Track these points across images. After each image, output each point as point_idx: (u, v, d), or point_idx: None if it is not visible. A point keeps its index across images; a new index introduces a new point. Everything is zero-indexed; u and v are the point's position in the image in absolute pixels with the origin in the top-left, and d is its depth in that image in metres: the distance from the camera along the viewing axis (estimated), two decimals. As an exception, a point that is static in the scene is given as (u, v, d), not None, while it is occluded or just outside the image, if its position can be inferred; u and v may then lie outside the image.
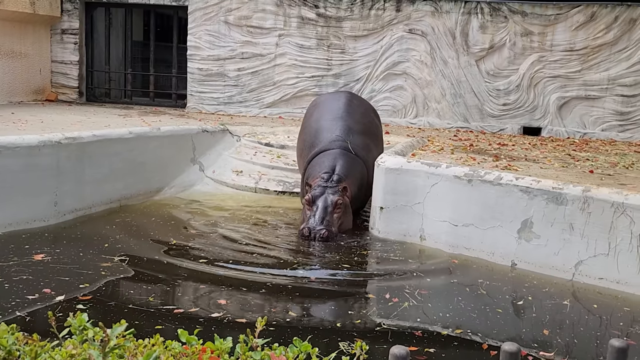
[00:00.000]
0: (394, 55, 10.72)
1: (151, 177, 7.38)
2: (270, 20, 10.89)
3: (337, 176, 6.22)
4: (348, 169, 6.35)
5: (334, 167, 6.30)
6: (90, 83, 11.84)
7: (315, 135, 6.79)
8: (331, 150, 6.48)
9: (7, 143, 5.80)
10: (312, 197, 6.08)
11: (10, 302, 4.15)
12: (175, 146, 7.80)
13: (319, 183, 6.17)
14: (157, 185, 7.48)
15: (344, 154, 6.45)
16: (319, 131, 6.79)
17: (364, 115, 7.09)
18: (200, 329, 2.28)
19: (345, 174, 6.29)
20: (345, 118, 6.81)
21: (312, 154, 6.60)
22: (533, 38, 10.32)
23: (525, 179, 5.48)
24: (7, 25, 10.18)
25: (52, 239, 5.60)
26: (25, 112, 9.00)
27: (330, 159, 6.39)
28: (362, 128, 6.86)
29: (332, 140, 6.57)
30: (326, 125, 6.79)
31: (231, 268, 5.05)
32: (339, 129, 6.67)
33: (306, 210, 6.12)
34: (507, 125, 10.57)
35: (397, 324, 4.14)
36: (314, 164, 6.50)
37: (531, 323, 4.34)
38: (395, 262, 5.50)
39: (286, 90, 10.99)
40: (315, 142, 6.70)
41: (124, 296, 4.42)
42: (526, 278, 5.17)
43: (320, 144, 6.63)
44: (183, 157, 7.93)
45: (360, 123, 6.90)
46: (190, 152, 8.01)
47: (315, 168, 6.42)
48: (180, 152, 7.88)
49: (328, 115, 6.92)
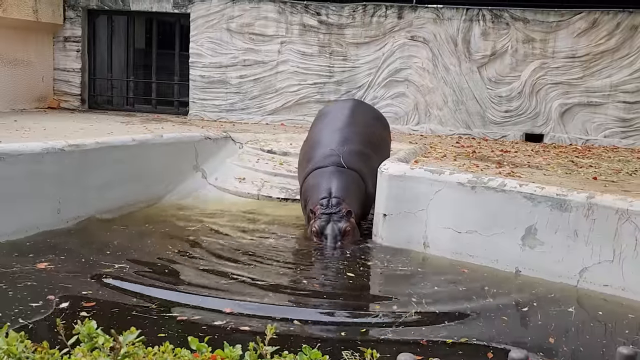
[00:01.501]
0: (395, 62, 10.74)
1: (154, 184, 7.38)
2: (272, 27, 10.91)
3: (336, 199, 6.07)
4: (345, 187, 6.22)
5: (330, 189, 6.15)
6: (93, 90, 11.85)
7: (312, 148, 6.73)
8: (324, 169, 6.36)
9: (11, 150, 5.80)
10: (318, 229, 5.98)
11: (14, 309, 4.14)
12: (177, 153, 7.81)
13: (321, 211, 6.03)
14: (160, 192, 7.48)
15: (337, 170, 6.32)
16: (317, 144, 6.73)
17: (366, 124, 7.01)
18: (203, 336, 2.27)
19: (343, 194, 6.14)
20: (343, 129, 6.72)
21: (307, 170, 6.51)
22: (535, 45, 10.33)
23: (529, 186, 5.47)
24: (10, 32, 10.20)
25: (55, 246, 5.58)
26: (27, 119, 9.01)
27: (325, 180, 6.26)
28: (361, 138, 6.74)
29: (326, 156, 6.45)
30: (324, 138, 6.72)
31: (234, 276, 5.03)
32: (335, 141, 6.57)
33: (313, 238, 6.06)
34: (509, 132, 10.57)
35: (402, 332, 4.13)
36: (310, 183, 6.39)
37: (537, 330, 4.33)
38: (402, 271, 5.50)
39: (288, 97, 11.00)
40: (312, 156, 6.61)
41: (127, 303, 4.40)
42: (531, 285, 5.15)
43: (314, 158, 6.54)
44: (185, 164, 7.93)
45: (360, 133, 6.78)
46: (192, 159, 8.01)
47: (312, 190, 6.30)
48: (182, 159, 7.88)
49: (329, 126, 6.86)
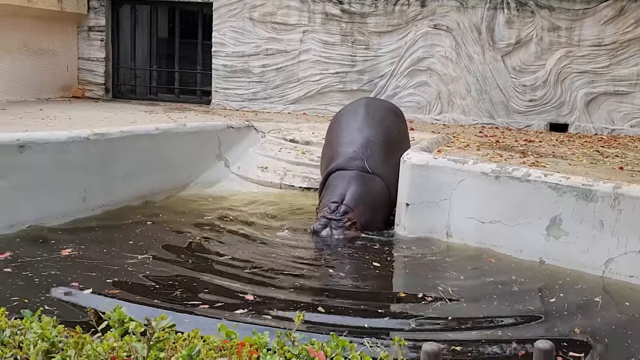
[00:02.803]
0: (418, 51, 10.66)
1: (177, 172, 7.44)
2: (295, 16, 10.89)
3: (345, 207, 5.98)
4: (361, 196, 6.13)
5: (344, 195, 6.07)
6: (116, 80, 11.95)
7: (335, 148, 6.66)
8: (347, 172, 6.27)
9: (37, 139, 5.87)
10: (314, 230, 5.92)
11: (40, 296, 4.20)
12: (200, 142, 7.85)
13: (323, 214, 5.98)
14: (183, 181, 7.53)
15: (360, 176, 6.23)
16: (338, 144, 6.65)
17: (383, 121, 6.89)
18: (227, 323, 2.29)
19: (355, 203, 6.05)
20: (363, 129, 6.62)
21: (329, 170, 6.45)
22: (560, 33, 10.20)
23: (554, 176, 5.42)
24: (36, 22, 10.30)
25: (80, 234, 5.65)
26: (53, 108, 9.11)
27: (343, 183, 6.18)
28: (381, 137, 6.63)
29: (349, 157, 6.36)
30: (345, 138, 6.63)
31: (255, 272, 5.02)
32: (357, 142, 6.48)
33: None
34: (533, 122, 10.46)
35: (427, 322, 4.13)
36: (329, 184, 6.33)
37: (562, 320, 4.30)
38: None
39: (310, 86, 10.98)
40: (334, 156, 6.55)
41: (150, 291, 4.45)
42: (558, 276, 5.11)
43: (338, 158, 6.45)
44: (208, 153, 7.97)
45: (379, 131, 6.68)
46: (215, 148, 8.05)
47: (328, 190, 6.25)
48: (205, 148, 7.92)
49: (348, 127, 6.77)
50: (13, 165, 5.63)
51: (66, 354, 1.60)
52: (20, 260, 4.86)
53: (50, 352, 1.71)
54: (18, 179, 5.65)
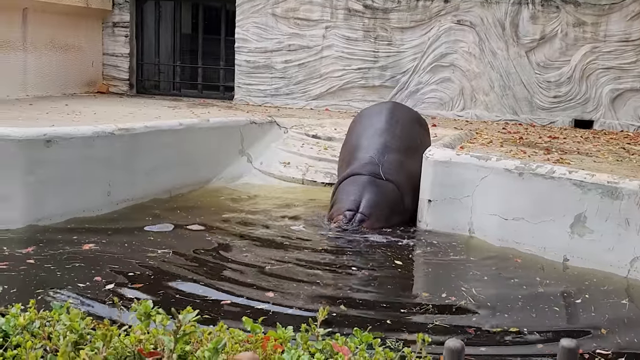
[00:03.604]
0: (441, 46, 10.61)
1: (200, 168, 7.49)
2: (317, 12, 10.89)
3: (360, 215, 5.93)
4: (375, 203, 6.06)
5: (359, 202, 6.01)
6: (140, 75, 12.05)
7: (352, 152, 6.61)
8: (361, 177, 6.20)
9: (63, 134, 5.96)
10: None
11: (63, 289, 4.26)
12: (223, 137, 7.89)
13: (339, 224, 5.92)
14: (206, 176, 7.59)
15: (373, 182, 6.15)
16: (356, 149, 6.59)
17: (405, 129, 6.77)
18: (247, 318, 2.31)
19: (371, 211, 5.99)
20: (383, 134, 6.54)
21: (343, 175, 6.39)
22: (586, 28, 10.07)
23: (579, 173, 5.37)
24: (62, 19, 10.43)
25: (103, 229, 5.72)
26: (78, 103, 9.22)
27: (358, 190, 6.11)
28: (400, 144, 6.54)
29: (364, 163, 6.29)
30: (363, 142, 6.57)
31: (276, 268, 5.02)
32: (374, 147, 6.41)
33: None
34: (557, 118, 10.35)
35: (450, 320, 4.11)
36: (342, 189, 6.25)
37: (588, 321, 4.26)
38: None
39: (332, 82, 10.98)
40: (351, 160, 6.49)
41: (172, 286, 4.49)
42: (582, 274, 5.06)
43: (354, 163, 6.40)
44: (231, 148, 8.01)
45: (399, 138, 6.58)
46: (238, 143, 8.09)
47: (342, 198, 6.18)
48: (228, 143, 7.97)
49: (368, 130, 6.70)
50: (40, 160, 5.73)
51: (94, 346, 1.63)
52: (44, 254, 4.93)
53: (79, 343, 1.75)
54: (45, 174, 5.74)
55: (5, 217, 5.54)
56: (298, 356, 1.60)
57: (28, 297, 3.79)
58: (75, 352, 1.66)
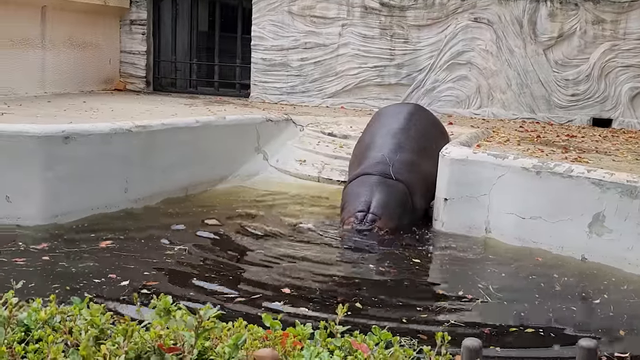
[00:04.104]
0: (458, 44, 10.55)
1: (216, 165, 7.51)
2: (334, 10, 10.87)
3: (372, 215, 5.78)
4: (385, 203, 5.93)
5: (369, 203, 5.88)
6: (157, 73, 12.11)
7: (364, 151, 6.55)
8: (371, 177, 6.10)
9: (81, 130, 6.00)
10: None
11: (79, 284, 4.30)
12: (240, 135, 7.91)
13: (352, 226, 5.78)
14: (222, 174, 7.60)
15: (383, 182, 6.03)
16: (369, 147, 6.54)
17: (421, 131, 6.69)
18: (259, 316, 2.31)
19: (381, 211, 5.86)
20: (397, 134, 6.46)
21: (354, 174, 6.31)
22: (605, 26, 9.97)
23: (598, 172, 5.33)
24: (81, 16, 10.51)
25: (120, 226, 5.75)
26: (95, 100, 9.28)
27: (368, 190, 5.99)
28: (414, 145, 6.45)
29: (376, 162, 6.20)
30: (377, 141, 6.51)
31: (292, 265, 5.01)
32: (387, 146, 6.34)
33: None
34: (575, 117, 10.26)
35: (467, 319, 4.09)
36: (353, 189, 6.16)
37: (607, 321, 4.23)
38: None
39: (348, 80, 10.96)
40: (362, 159, 6.43)
41: (187, 283, 4.51)
42: (601, 274, 5.02)
43: (365, 161, 6.33)
44: (247, 145, 8.03)
45: (414, 139, 6.50)
46: (254, 141, 8.11)
47: (352, 197, 6.08)
48: (244, 141, 7.98)
49: (382, 129, 6.64)
50: (58, 156, 5.77)
51: (115, 341, 1.64)
52: (60, 250, 4.97)
53: (99, 338, 1.76)
54: (63, 170, 5.79)
55: (23, 213, 5.59)
56: (317, 353, 1.60)
57: (45, 292, 3.84)
58: (96, 346, 1.67)
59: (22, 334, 1.82)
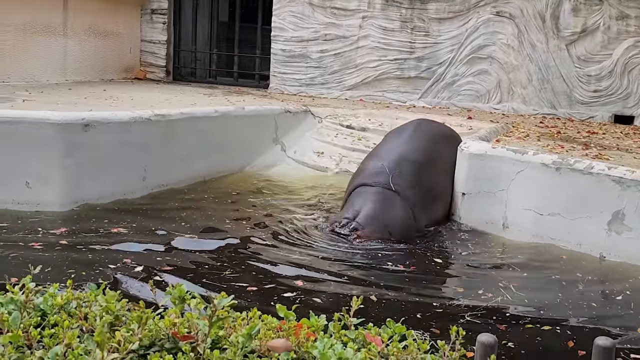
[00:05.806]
0: (479, 38, 10.45)
1: (234, 155, 7.53)
2: (354, 2, 10.82)
3: (355, 224, 5.53)
4: (376, 213, 5.67)
5: (358, 212, 5.63)
6: (177, 62, 12.14)
7: (367, 161, 6.39)
8: (369, 188, 5.87)
9: (101, 118, 6.04)
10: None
11: (94, 270, 4.34)
12: (258, 125, 7.92)
13: (332, 228, 5.59)
14: (240, 164, 7.63)
15: (379, 193, 5.78)
16: (371, 157, 6.38)
17: (429, 141, 6.45)
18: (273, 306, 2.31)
19: (368, 222, 5.57)
20: (401, 145, 6.25)
21: (354, 184, 6.08)
22: (629, 22, 9.83)
23: (619, 169, 5.26)
24: (103, 5, 10.56)
25: (140, 213, 5.80)
26: (116, 89, 9.34)
27: (361, 199, 5.78)
28: (419, 156, 6.18)
29: (376, 172, 5.96)
30: (380, 152, 6.34)
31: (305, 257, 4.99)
32: (388, 157, 6.09)
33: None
34: (597, 113, 10.14)
35: (484, 316, 4.07)
36: (350, 199, 5.96)
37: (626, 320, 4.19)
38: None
39: (368, 72, 10.92)
40: (364, 170, 6.20)
41: (200, 271, 4.53)
42: (620, 272, 4.97)
43: (365, 171, 6.12)
44: (265, 136, 8.04)
45: (420, 150, 6.24)
46: (272, 131, 8.11)
47: (346, 205, 5.92)
48: (263, 131, 7.99)
49: (389, 142, 6.49)
50: (78, 143, 5.82)
51: (130, 327, 1.65)
52: (77, 236, 5.02)
53: (114, 324, 1.77)
54: (82, 157, 5.84)
55: (43, 199, 5.65)
56: (331, 345, 1.59)
57: (60, 277, 3.88)
58: (110, 333, 1.68)
59: (39, 319, 1.83)
